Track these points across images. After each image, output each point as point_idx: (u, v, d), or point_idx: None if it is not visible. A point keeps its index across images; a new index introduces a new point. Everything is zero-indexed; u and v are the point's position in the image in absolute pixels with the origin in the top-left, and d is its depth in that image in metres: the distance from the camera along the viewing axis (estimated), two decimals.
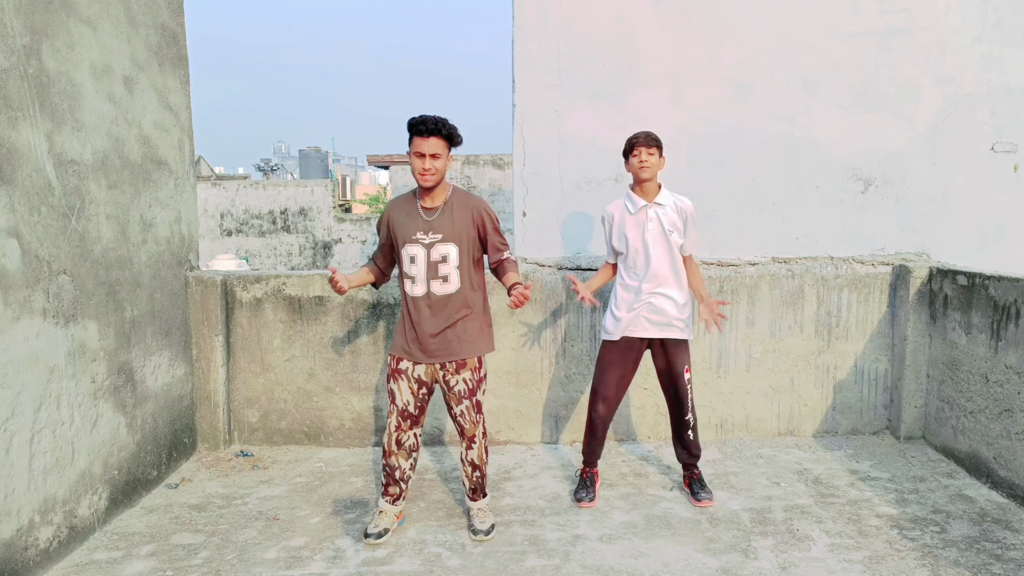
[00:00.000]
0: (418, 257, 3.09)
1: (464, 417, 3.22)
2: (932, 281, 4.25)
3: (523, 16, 4.39)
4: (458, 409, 3.22)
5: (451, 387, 3.20)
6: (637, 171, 3.43)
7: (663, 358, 3.56)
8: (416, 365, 3.18)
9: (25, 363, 2.88)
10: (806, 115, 4.47)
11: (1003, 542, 3.13)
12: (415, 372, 3.18)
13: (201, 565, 3.03)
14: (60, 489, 3.08)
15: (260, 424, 4.47)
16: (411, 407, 3.19)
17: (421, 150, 2.99)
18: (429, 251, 3.09)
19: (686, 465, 3.70)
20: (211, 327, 4.30)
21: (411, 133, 3.03)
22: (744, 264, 4.51)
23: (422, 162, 3.00)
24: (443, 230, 3.09)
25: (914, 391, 4.33)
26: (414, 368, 3.18)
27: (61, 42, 3.15)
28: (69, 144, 3.19)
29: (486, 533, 3.23)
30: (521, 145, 4.45)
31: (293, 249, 18.72)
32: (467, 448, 3.28)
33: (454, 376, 3.17)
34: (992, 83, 4.48)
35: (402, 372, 3.18)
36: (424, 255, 3.09)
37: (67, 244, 3.16)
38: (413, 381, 3.18)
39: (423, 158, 3.00)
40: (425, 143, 2.99)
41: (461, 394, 3.19)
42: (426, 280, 3.10)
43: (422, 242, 3.09)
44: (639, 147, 3.40)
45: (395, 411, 3.19)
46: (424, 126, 2.97)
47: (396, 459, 3.24)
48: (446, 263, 3.09)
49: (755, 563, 3.00)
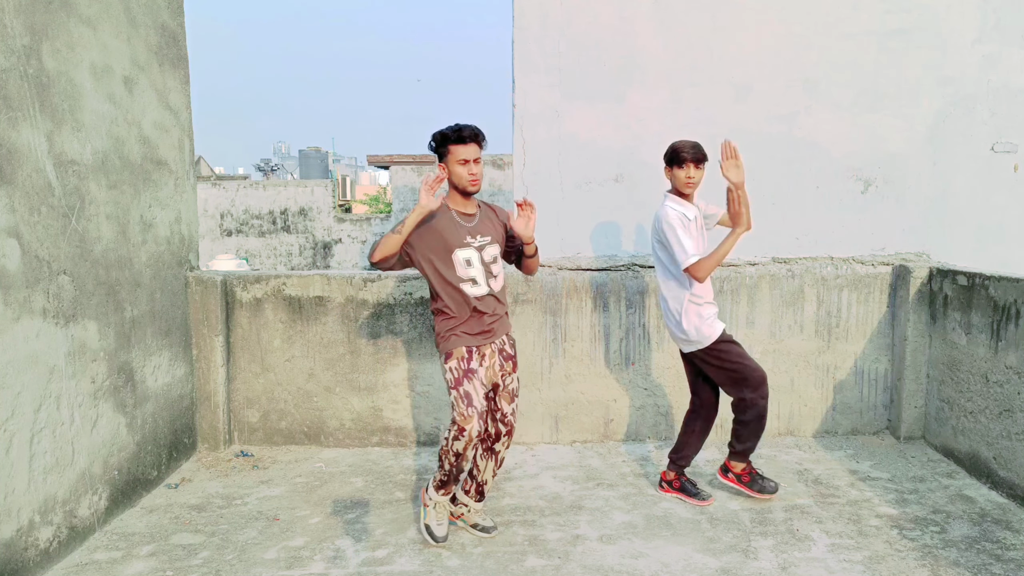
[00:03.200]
0: (473, 260, 3.11)
1: (514, 416, 3.25)
2: (932, 281, 4.25)
3: (523, 16, 4.38)
4: (510, 408, 3.23)
5: (506, 386, 3.22)
6: (683, 186, 3.44)
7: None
8: (481, 366, 3.12)
9: (25, 363, 2.88)
10: (806, 115, 4.47)
11: (1003, 542, 3.13)
12: (484, 376, 3.14)
13: (201, 565, 3.03)
14: (60, 489, 3.08)
15: (260, 424, 4.47)
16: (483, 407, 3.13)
17: (466, 157, 3.02)
18: (481, 253, 3.13)
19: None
20: (211, 327, 4.30)
21: (448, 142, 3.03)
22: (744, 264, 4.51)
23: (467, 168, 3.03)
24: (489, 233, 3.18)
25: (914, 391, 4.33)
26: (484, 371, 3.14)
27: (61, 42, 3.15)
28: (69, 144, 3.19)
29: (495, 528, 3.29)
30: (521, 145, 4.45)
31: (293, 249, 18.72)
32: (505, 447, 3.28)
33: (511, 375, 3.23)
34: (992, 83, 4.48)
35: (475, 372, 3.10)
36: (478, 258, 3.12)
37: (67, 244, 3.16)
38: (482, 384, 3.13)
39: (468, 164, 3.03)
40: (467, 149, 3.02)
41: (514, 393, 3.25)
42: (485, 280, 3.14)
43: (473, 246, 3.11)
44: (688, 163, 3.39)
45: (475, 414, 3.01)
46: (461, 133, 3.01)
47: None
48: (496, 263, 3.19)
49: (755, 563, 3.00)
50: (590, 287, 4.40)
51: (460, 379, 3.05)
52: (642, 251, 4.50)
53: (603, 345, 4.44)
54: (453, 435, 3.01)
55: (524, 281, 4.38)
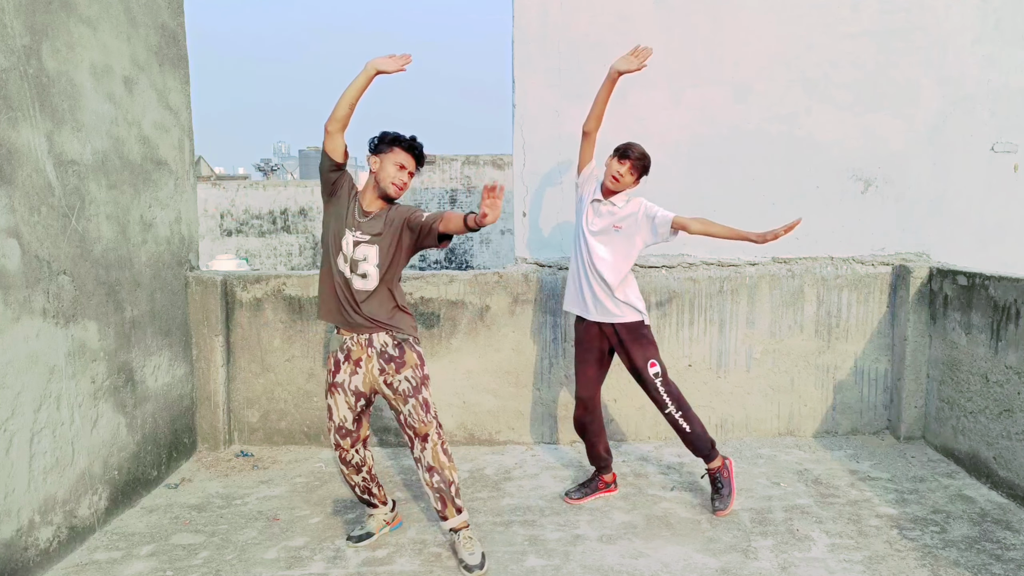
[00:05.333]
0: (348, 246, 3.02)
1: (416, 415, 3.03)
2: (932, 281, 4.25)
3: (523, 16, 4.39)
4: (407, 408, 3.02)
5: (396, 388, 3.03)
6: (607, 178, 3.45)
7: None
8: (353, 376, 3.04)
9: (25, 363, 2.88)
10: (806, 115, 4.47)
11: (1003, 542, 3.13)
12: (351, 383, 3.06)
13: (201, 565, 3.03)
14: (60, 489, 3.08)
15: (260, 424, 4.47)
16: (348, 423, 3.07)
17: (404, 163, 2.98)
18: (355, 248, 3.02)
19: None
20: (211, 327, 4.30)
21: (396, 144, 2.98)
22: (744, 264, 4.51)
23: (400, 173, 2.98)
24: (369, 232, 3.02)
25: (914, 391, 4.33)
26: (350, 379, 3.06)
27: (61, 42, 3.15)
28: (69, 144, 3.19)
29: (480, 567, 2.94)
30: (521, 145, 4.45)
31: (293, 249, 18.71)
32: (424, 451, 3.03)
33: (396, 376, 3.03)
34: (992, 83, 4.48)
35: (338, 385, 3.07)
36: (351, 248, 3.02)
37: (67, 244, 3.16)
38: (350, 394, 3.06)
39: (403, 169, 2.99)
40: (409, 159, 3.00)
41: (407, 394, 3.02)
42: (349, 270, 3.04)
43: (352, 235, 3.01)
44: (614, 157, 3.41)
45: (332, 426, 3.09)
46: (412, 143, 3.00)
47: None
48: (366, 262, 3.01)
49: (755, 563, 3.00)
50: None
51: (327, 391, 3.09)
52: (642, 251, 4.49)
53: None
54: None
55: (524, 281, 4.38)
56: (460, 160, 17.15)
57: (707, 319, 4.45)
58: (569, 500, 3.61)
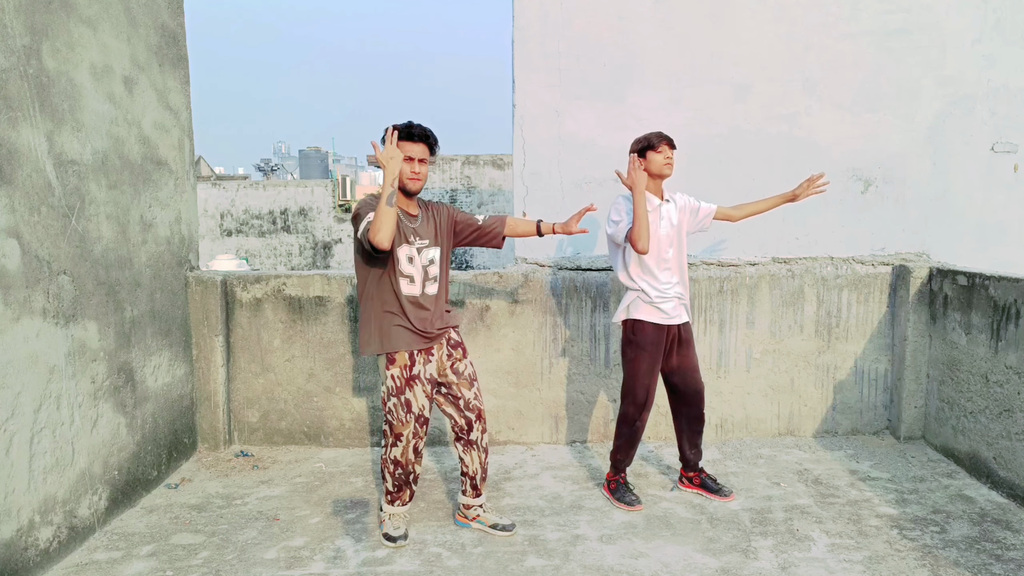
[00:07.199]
0: (414, 259, 3.09)
1: (478, 400, 3.27)
2: (932, 281, 4.25)
3: (523, 16, 4.39)
4: (471, 393, 3.24)
5: (461, 373, 3.22)
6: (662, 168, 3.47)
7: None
8: (427, 364, 3.13)
9: (25, 363, 2.88)
10: (806, 115, 4.47)
11: (1003, 542, 3.13)
12: (427, 372, 3.15)
13: (201, 565, 3.03)
14: (60, 489, 3.08)
15: (260, 424, 4.47)
16: (426, 411, 3.17)
17: (411, 154, 3.00)
18: (420, 255, 3.10)
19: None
20: (211, 327, 4.30)
21: (398, 138, 2.97)
22: (744, 264, 4.51)
23: (411, 165, 3.00)
24: (427, 236, 3.15)
25: (914, 391, 4.33)
26: (425, 369, 3.14)
27: (61, 42, 3.15)
28: (69, 144, 3.19)
29: (514, 526, 3.30)
30: (521, 145, 4.45)
31: (293, 249, 18.71)
32: (481, 432, 3.29)
33: (461, 362, 3.23)
34: (992, 83, 4.48)
35: (416, 376, 3.11)
36: (418, 258, 3.10)
37: (67, 244, 3.16)
38: (427, 383, 3.14)
39: (412, 162, 3.01)
40: (415, 148, 3.01)
41: (472, 377, 3.26)
42: (422, 281, 3.12)
43: (414, 245, 3.08)
44: (664, 144, 3.45)
45: (413, 419, 3.11)
46: (411, 130, 2.99)
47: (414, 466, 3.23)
48: (434, 265, 3.16)
49: (755, 563, 3.00)
50: (590, 287, 4.41)
51: (402, 387, 3.10)
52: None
53: (603, 345, 4.44)
54: (391, 443, 3.13)
55: (524, 281, 4.38)
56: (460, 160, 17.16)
57: (707, 319, 4.45)
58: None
